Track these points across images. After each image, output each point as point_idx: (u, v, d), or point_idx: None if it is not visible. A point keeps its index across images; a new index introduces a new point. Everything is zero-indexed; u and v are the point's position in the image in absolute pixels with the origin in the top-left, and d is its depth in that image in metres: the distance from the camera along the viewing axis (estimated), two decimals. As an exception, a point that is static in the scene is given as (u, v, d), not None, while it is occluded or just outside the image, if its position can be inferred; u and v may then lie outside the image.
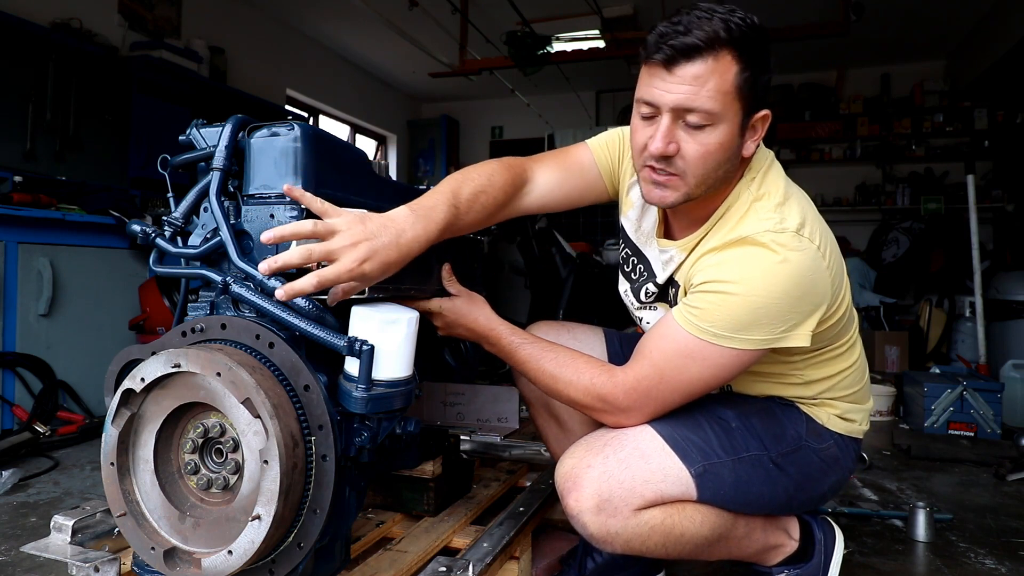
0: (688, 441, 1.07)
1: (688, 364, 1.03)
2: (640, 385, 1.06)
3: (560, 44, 4.87)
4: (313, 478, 0.94)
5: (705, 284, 1.02)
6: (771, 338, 1.00)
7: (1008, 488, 2.23)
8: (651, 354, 1.06)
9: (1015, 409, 3.17)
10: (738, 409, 1.15)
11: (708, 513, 1.09)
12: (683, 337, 1.02)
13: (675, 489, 1.06)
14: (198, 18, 4.50)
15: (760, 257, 0.99)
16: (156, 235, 1.09)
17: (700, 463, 1.07)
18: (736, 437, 1.11)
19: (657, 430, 1.08)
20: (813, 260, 1.00)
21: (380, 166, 1.26)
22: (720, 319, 0.99)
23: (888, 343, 4.25)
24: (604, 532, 1.04)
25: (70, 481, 2.14)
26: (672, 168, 1.01)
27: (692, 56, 0.95)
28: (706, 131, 0.98)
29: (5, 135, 3.09)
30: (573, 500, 1.05)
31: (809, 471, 1.16)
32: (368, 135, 7.15)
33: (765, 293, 0.97)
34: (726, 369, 1.03)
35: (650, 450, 1.06)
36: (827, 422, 1.18)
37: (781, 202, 1.04)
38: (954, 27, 5.26)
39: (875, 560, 1.61)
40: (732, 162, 1.04)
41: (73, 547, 1.16)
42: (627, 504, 1.03)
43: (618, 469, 1.04)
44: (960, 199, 5.00)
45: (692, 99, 0.96)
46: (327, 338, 0.96)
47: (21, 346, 2.61)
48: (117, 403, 0.94)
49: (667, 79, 0.97)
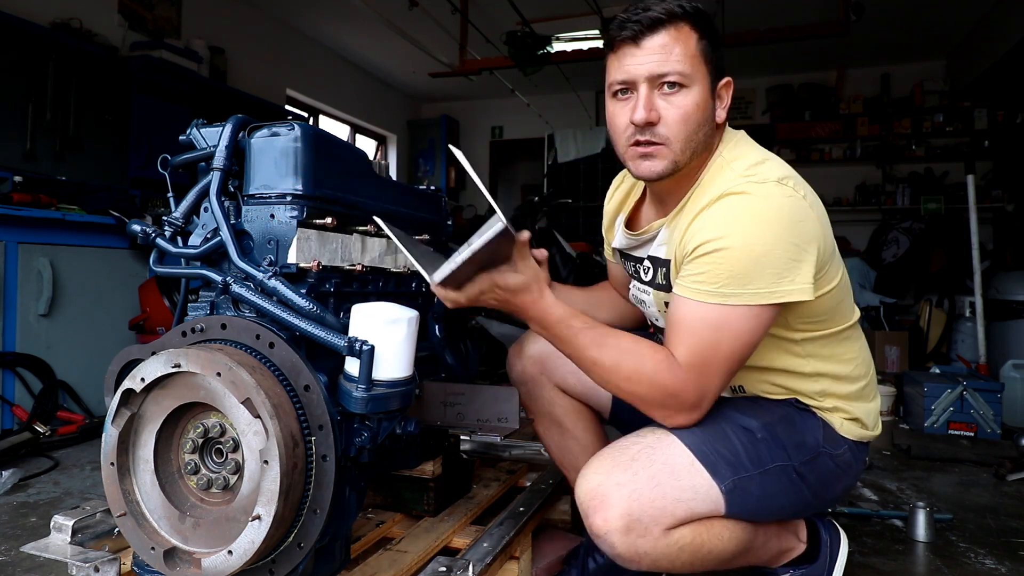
0: (717, 454, 1.06)
1: (719, 336, 1.01)
2: (691, 368, 1.02)
3: (560, 44, 4.87)
4: (313, 478, 0.94)
5: (698, 249, 1.02)
6: (777, 290, 0.99)
7: (1008, 488, 2.22)
8: (681, 338, 1.03)
9: (1015, 409, 3.17)
10: (762, 419, 1.13)
11: (735, 528, 1.09)
12: (699, 309, 1.01)
13: (705, 507, 1.04)
14: (198, 18, 4.50)
15: (744, 204, 1.01)
16: (156, 235, 1.09)
17: (730, 479, 1.05)
18: (762, 448, 1.10)
19: (685, 442, 1.06)
20: (798, 203, 1.02)
21: (380, 166, 1.27)
22: (723, 276, 0.99)
23: (888, 343, 4.24)
24: (632, 552, 1.01)
25: (70, 481, 2.14)
26: (656, 137, 1.06)
27: (656, 28, 1.04)
28: (682, 93, 1.04)
29: (5, 135, 3.09)
30: (600, 520, 1.01)
31: (826, 477, 1.17)
32: (368, 135, 7.15)
33: (759, 239, 0.99)
34: (749, 333, 1.02)
35: (680, 466, 1.04)
36: (840, 428, 1.18)
37: (758, 162, 1.08)
38: (954, 27, 5.26)
39: (875, 560, 1.61)
40: (709, 124, 1.08)
41: (73, 547, 1.16)
42: (657, 524, 1.01)
43: (648, 487, 1.01)
44: (960, 199, 5.00)
45: (664, 64, 1.03)
46: (327, 338, 0.96)
47: (21, 346, 2.60)
48: (117, 403, 0.94)
49: (637, 54, 1.05)
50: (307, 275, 1.04)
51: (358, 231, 1.17)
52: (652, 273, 1.21)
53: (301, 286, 1.03)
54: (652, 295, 1.21)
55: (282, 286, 1.00)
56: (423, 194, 1.44)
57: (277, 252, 1.03)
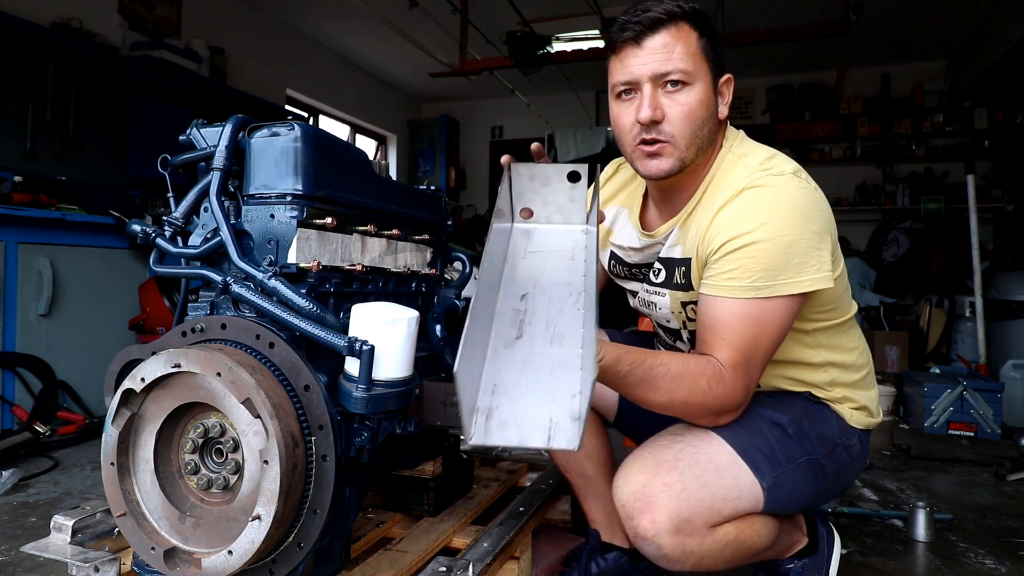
0: (757, 450, 1.07)
1: (759, 331, 1.02)
2: (737, 369, 1.02)
3: (560, 44, 4.87)
4: (313, 478, 0.94)
5: (727, 244, 1.03)
6: (807, 278, 1.02)
7: (1008, 488, 2.22)
8: (724, 337, 1.02)
9: (1015, 409, 3.17)
10: (789, 413, 1.15)
11: (768, 523, 1.10)
12: (736, 306, 1.02)
13: (748, 504, 1.05)
14: (198, 18, 4.50)
15: (767, 197, 1.03)
16: (156, 235, 1.09)
17: (770, 475, 1.06)
18: (792, 443, 1.11)
19: (726, 439, 1.06)
20: (813, 194, 1.06)
21: (380, 166, 1.27)
22: (756, 270, 1.00)
23: (888, 343, 4.24)
24: (680, 552, 1.00)
25: (70, 481, 2.14)
26: (662, 135, 1.08)
27: (657, 28, 1.05)
28: (685, 90, 1.06)
29: (5, 135, 3.09)
30: (648, 522, 1.00)
31: (842, 468, 1.19)
32: (368, 135, 7.15)
33: (787, 230, 1.01)
34: (784, 324, 1.04)
35: (724, 464, 1.04)
36: (850, 419, 1.21)
37: (770, 156, 1.10)
38: (954, 27, 5.26)
39: (875, 560, 1.61)
40: (713, 121, 1.10)
41: (73, 547, 1.16)
42: (705, 523, 1.01)
43: (696, 487, 1.01)
44: (960, 199, 5.00)
45: (666, 63, 1.05)
46: (327, 338, 0.96)
47: (21, 346, 2.60)
48: (117, 403, 0.94)
49: (639, 54, 1.06)
50: (307, 275, 1.04)
51: (358, 231, 1.17)
52: (665, 274, 1.20)
53: (301, 286, 1.03)
54: (668, 296, 1.21)
55: (282, 286, 1.00)
56: (423, 194, 1.44)
57: (277, 252, 1.03)
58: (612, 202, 1.34)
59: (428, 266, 1.42)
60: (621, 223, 1.32)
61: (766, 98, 6.48)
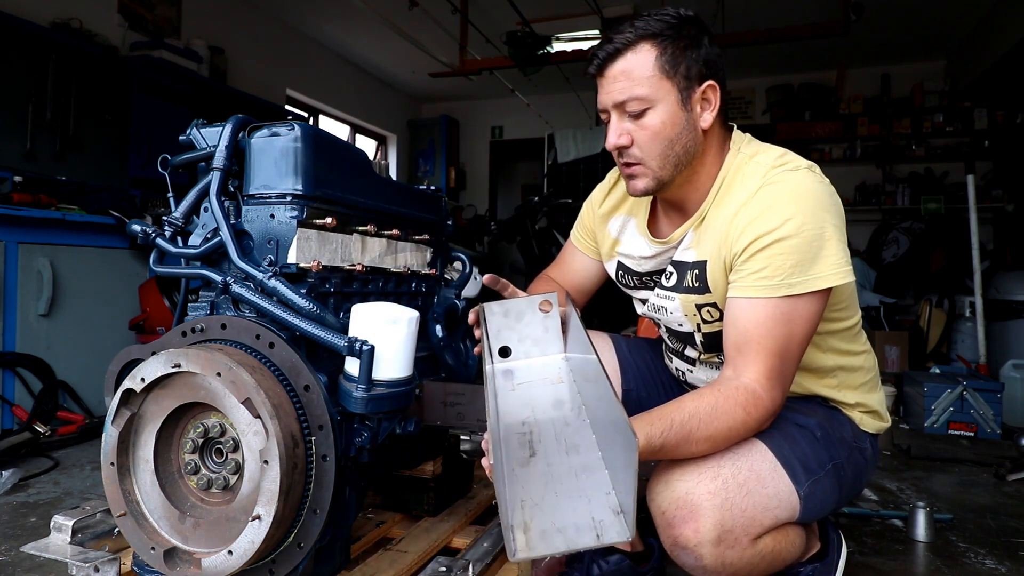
0: (794, 457, 1.06)
1: (792, 328, 1.01)
2: (772, 377, 1.01)
3: (560, 44, 4.87)
4: (313, 478, 0.94)
5: (753, 244, 1.02)
6: (832, 272, 1.02)
7: (1008, 488, 2.22)
8: (758, 342, 1.01)
9: (1015, 409, 3.17)
10: (813, 416, 1.14)
11: (801, 532, 1.10)
12: (768, 306, 1.01)
13: (786, 514, 1.04)
14: (198, 18, 4.50)
15: (788, 192, 1.03)
16: (156, 235, 1.09)
17: (806, 483, 1.05)
18: (821, 448, 1.10)
19: (768, 446, 1.04)
20: (828, 188, 1.07)
21: (380, 166, 1.27)
22: (786, 266, 1.00)
23: (888, 343, 4.24)
24: (719, 564, 0.97)
25: (70, 481, 2.14)
26: (631, 159, 1.10)
27: (615, 57, 1.07)
28: (647, 115, 1.07)
29: (5, 135, 3.09)
30: (691, 531, 0.95)
31: (858, 473, 1.19)
32: (368, 135, 7.15)
33: (811, 224, 1.01)
34: (814, 319, 1.03)
35: (765, 472, 1.02)
36: (862, 423, 1.21)
37: (782, 153, 1.11)
38: (954, 27, 5.26)
39: (875, 560, 1.61)
40: (688, 135, 1.09)
41: (73, 547, 1.16)
42: (747, 534, 0.98)
43: (739, 496, 0.98)
44: (960, 199, 5.00)
45: (624, 91, 1.07)
46: (327, 338, 0.96)
47: (21, 346, 2.60)
48: (117, 403, 0.94)
49: (603, 84, 1.10)
50: (307, 275, 1.04)
51: (358, 231, 1.18)
52: (677, 278, 1.19)
53: (301, 286, 1.03)
54: (678, 299, 1.19)
55: (282, 286, 1.00)
56: (423, 194, 1.44)
57: (277, 252, 1.03)
58: (618, 211, 1.33)
59: (428, 266, 1.42)
60: (629, 232, 1.30)
61: (766, 98, 6.48)
